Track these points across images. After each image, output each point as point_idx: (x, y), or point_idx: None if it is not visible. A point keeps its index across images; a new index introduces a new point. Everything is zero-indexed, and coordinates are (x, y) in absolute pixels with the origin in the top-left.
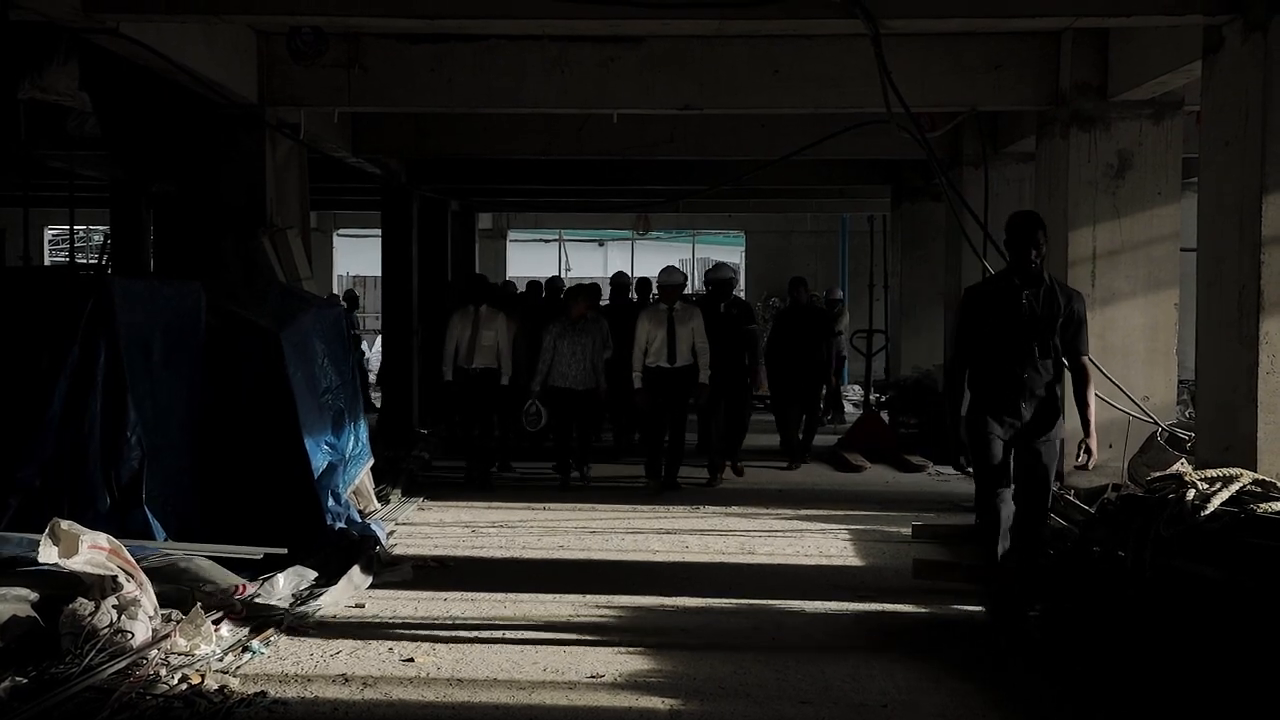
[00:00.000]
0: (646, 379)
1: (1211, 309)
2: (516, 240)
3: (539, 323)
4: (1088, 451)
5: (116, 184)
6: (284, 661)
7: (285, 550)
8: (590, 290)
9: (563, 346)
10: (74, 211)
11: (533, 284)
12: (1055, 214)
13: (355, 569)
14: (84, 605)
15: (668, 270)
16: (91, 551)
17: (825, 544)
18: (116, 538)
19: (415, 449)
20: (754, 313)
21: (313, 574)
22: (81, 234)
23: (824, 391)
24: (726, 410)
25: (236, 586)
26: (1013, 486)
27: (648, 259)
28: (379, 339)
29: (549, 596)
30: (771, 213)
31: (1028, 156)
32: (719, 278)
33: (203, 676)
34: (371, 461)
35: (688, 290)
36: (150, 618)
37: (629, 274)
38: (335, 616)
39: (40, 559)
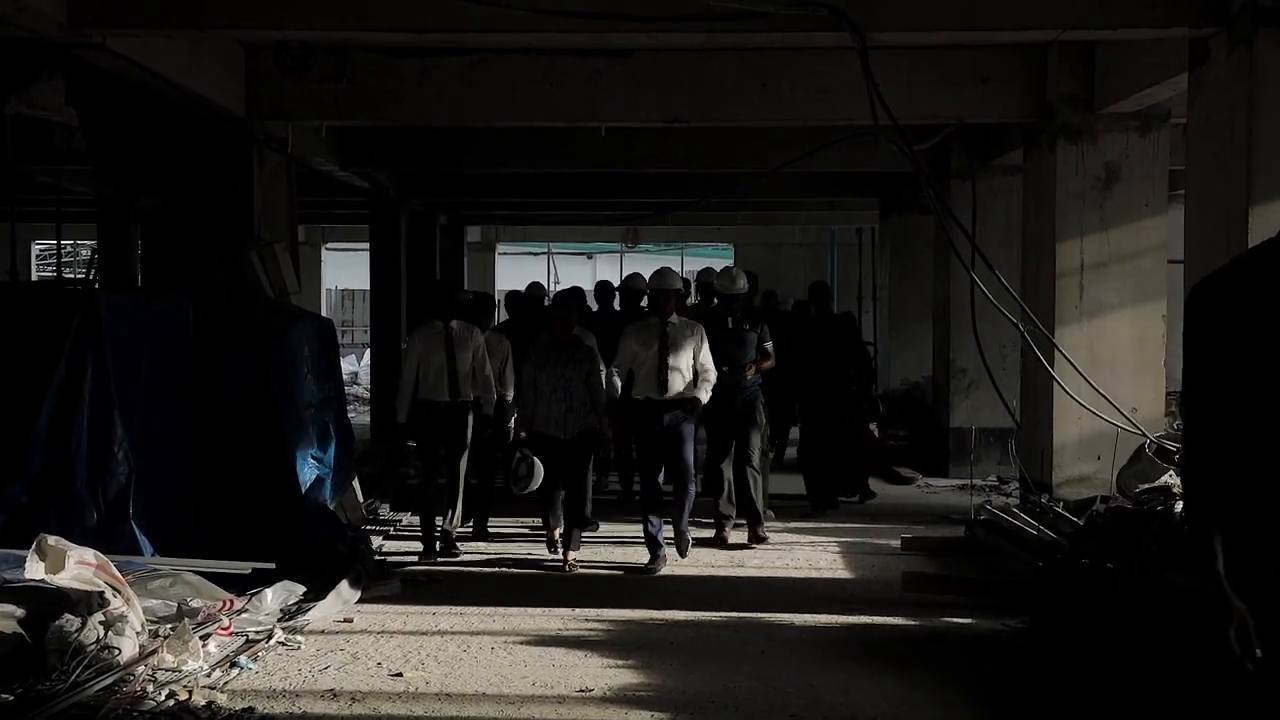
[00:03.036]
0: (634, 414)
1: None
2: (505, 253)
3: (517, 344)
4: None
5: (104, 199)
6: (272, 677)
7: (273, 564)
8: (575, 299)
9: (542, 380)
10: (61, 226)
11: (512, 295)
12: (1043, 226)
13: (343, 583)
14: (71, 621)
15: (661, 273)
16: (78, 567)
17: (814, 557)
18: (104, 553)
19: (403, 463)
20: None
21: (301, 588)
22: (69, 249)
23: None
24: (739, 451)
25: (224, 601)
26: None
27: (636, 271)
28: (368, 352)
29: (537, 610)
30: (760, 225)
31: (1015, 169)
32: (729, 292)
33: (190, 692)
34: (358, 476)
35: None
36: (137, 633)
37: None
38: (323, 631)
39: (27, 575)
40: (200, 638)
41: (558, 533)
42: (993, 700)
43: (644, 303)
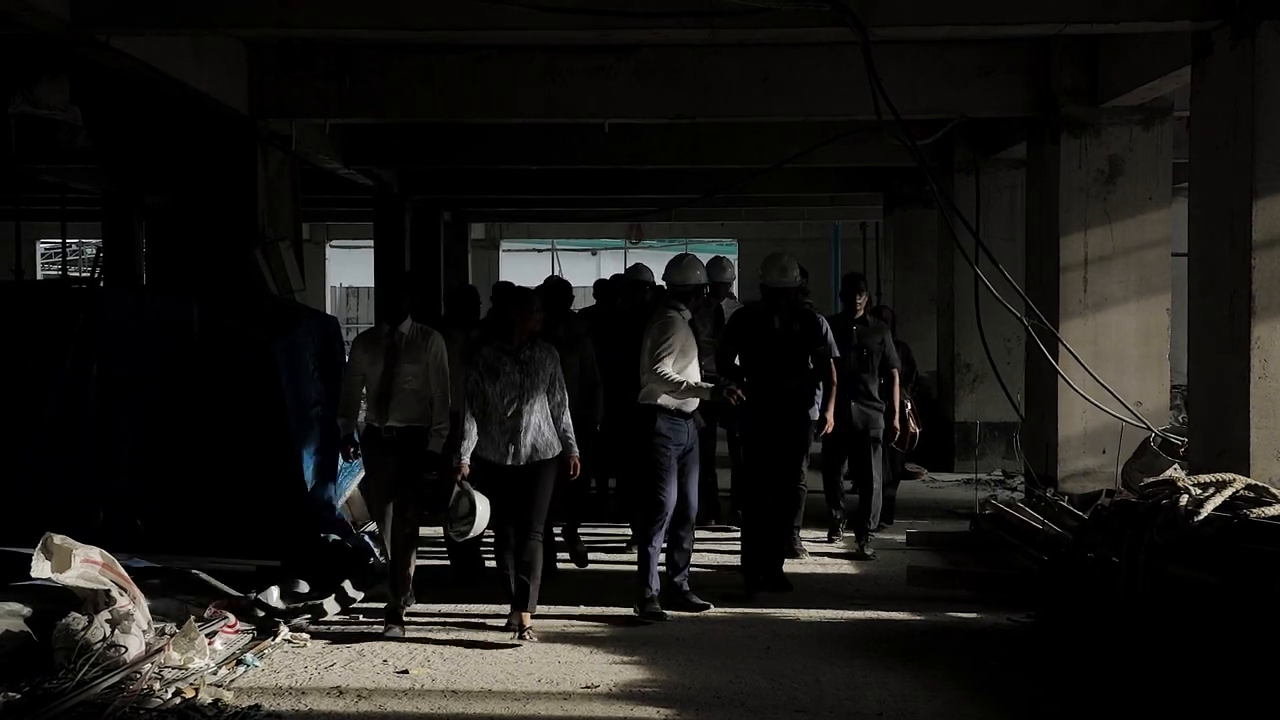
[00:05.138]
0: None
1: (1203, 314)
2: (509, 250)
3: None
4: None
5: (108, 197)
6: (278, 674)
7: (279, 562)
8: (555, 293)
9: (492, 392)
10: (66, 225)
11: (462, 291)
12: (1046, 220)
13: (349, 581)
14: (77, 620)
15: (685, 262)
16: (84, 566)
17: (819, 551)
18: (109, 551)
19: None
20: (825, 329)
21: (306, 586)
22: (74, 247)
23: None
24: (788, 473)
25: (230, 599)
26: None
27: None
28: None
29: (543, 607)
30: (764, 220)
31: (1019, 163)
32: (778, 285)
33: (196, 690)
34: (363, 473)
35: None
36: (144, 631)
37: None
38: (329, 628)
39: (33, 574)
40: (206, 636)
41: (527, 618)
42: (998, 694)
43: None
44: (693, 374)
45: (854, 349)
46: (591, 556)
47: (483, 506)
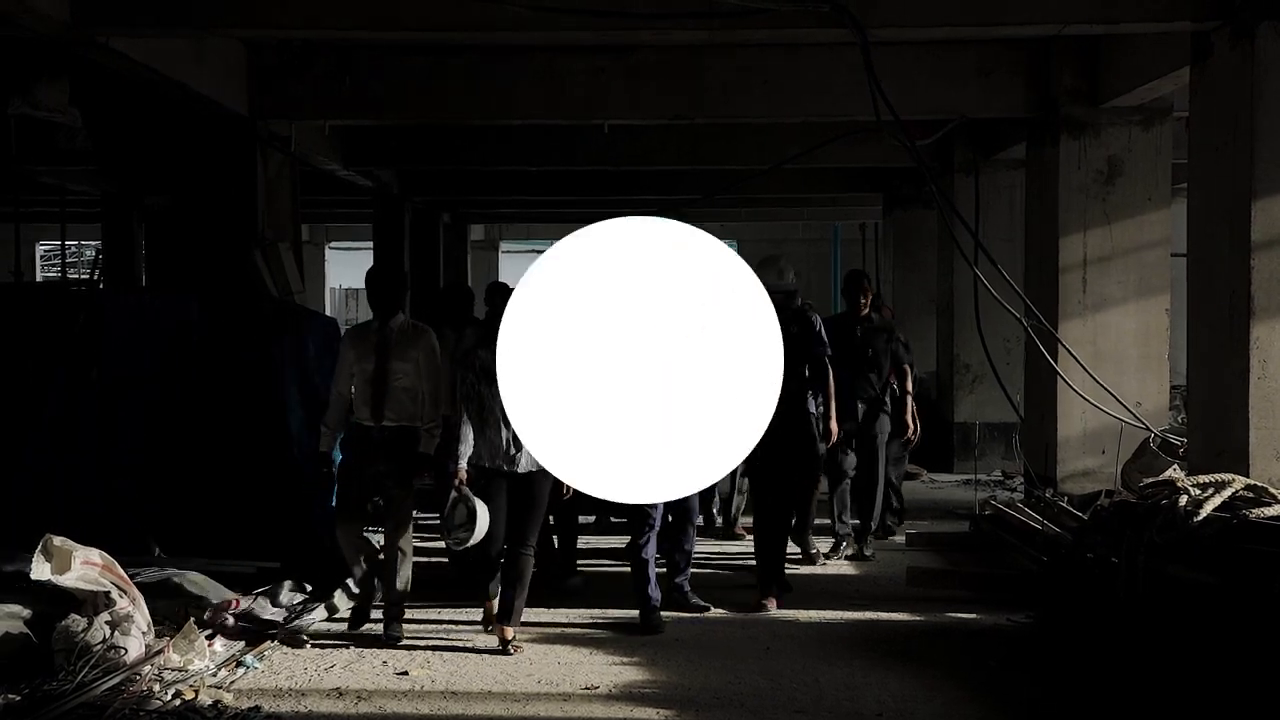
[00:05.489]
0: None
1: (1202, 314)
2: (509, 251)
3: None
4: None
5: (108, 198)
6: (278, 676)
7: (278, 564)
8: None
9: (489, 394)
10: (65, 226)
11: (453, 288)
12: (1046, 221)
13: (349, 581)
14: (77, 621)
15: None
16: (84, 567)
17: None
18: (109, 552)
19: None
20: (819, 329)
21: (306, 587)
22: (73, 249)
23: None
24: (789, 486)
25: (230, 601)
26: None
27: None
28: None
29: (542, 608)
30: (764, 221)
31: (1018, 163)
32: (777, 288)
33: (196, 692)
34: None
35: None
36: (144, 633)
37: None
38: (329, 630)
39: (33, 575)
40: (206, 637)
41: (509, 632)
42: (997, 694)
43: None
44: None
45: (858, 347)
46: (590, 559)
47: (482, 514)
